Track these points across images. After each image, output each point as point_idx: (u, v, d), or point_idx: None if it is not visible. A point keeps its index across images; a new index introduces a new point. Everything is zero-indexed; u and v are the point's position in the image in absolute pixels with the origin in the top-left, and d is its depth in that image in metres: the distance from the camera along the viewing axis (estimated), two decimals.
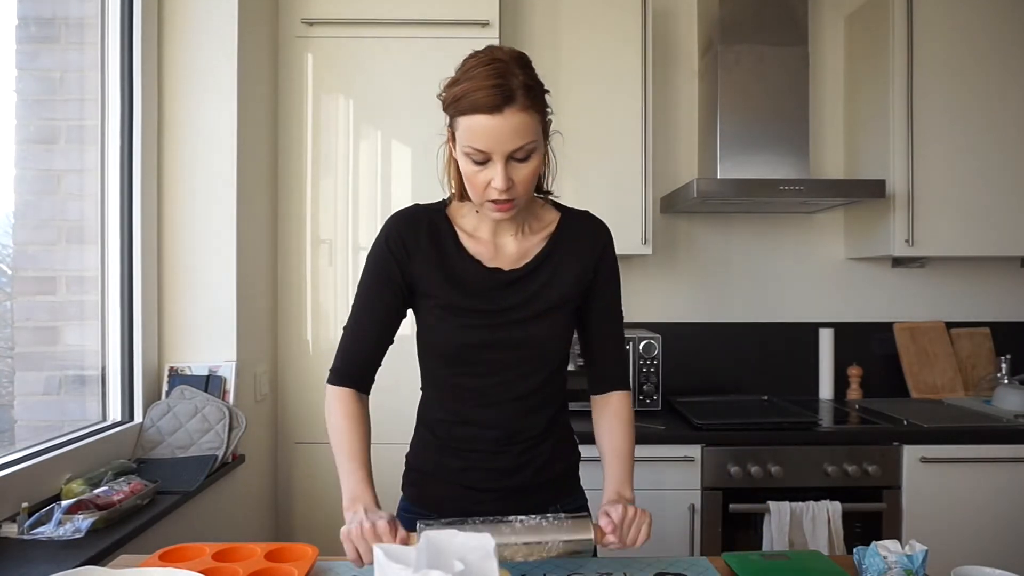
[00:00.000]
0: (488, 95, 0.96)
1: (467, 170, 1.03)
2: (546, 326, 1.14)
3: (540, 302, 1.13)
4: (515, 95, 0.97)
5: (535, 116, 1.01)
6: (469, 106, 0.98)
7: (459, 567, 0.79)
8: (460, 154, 1.03)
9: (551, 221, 1.18)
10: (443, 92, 1.03)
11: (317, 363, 2.16)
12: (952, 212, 2.31)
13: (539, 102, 1.02)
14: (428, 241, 1.13)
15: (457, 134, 1.02)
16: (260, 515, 2.05)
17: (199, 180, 1.86)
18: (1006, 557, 2.02)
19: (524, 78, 0.99)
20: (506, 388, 1.15)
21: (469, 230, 1.15)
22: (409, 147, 2.17)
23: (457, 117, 1.01)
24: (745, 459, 2.01)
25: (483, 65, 0.98)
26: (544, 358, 1.16)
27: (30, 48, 1.60)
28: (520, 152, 1.00)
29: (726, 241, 2.63)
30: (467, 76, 0.99)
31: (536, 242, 1.16)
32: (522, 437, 1.16)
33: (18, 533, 1.23)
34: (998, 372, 2.50)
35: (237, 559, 1.05)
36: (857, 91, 2.55)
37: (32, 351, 1.59)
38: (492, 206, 1.05)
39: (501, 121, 0.97)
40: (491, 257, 1.14)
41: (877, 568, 0.96)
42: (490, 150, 0.99)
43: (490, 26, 2.15)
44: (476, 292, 1.12)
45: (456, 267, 1.12)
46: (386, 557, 0.80)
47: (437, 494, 1.19)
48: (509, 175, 1.01)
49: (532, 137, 1.00)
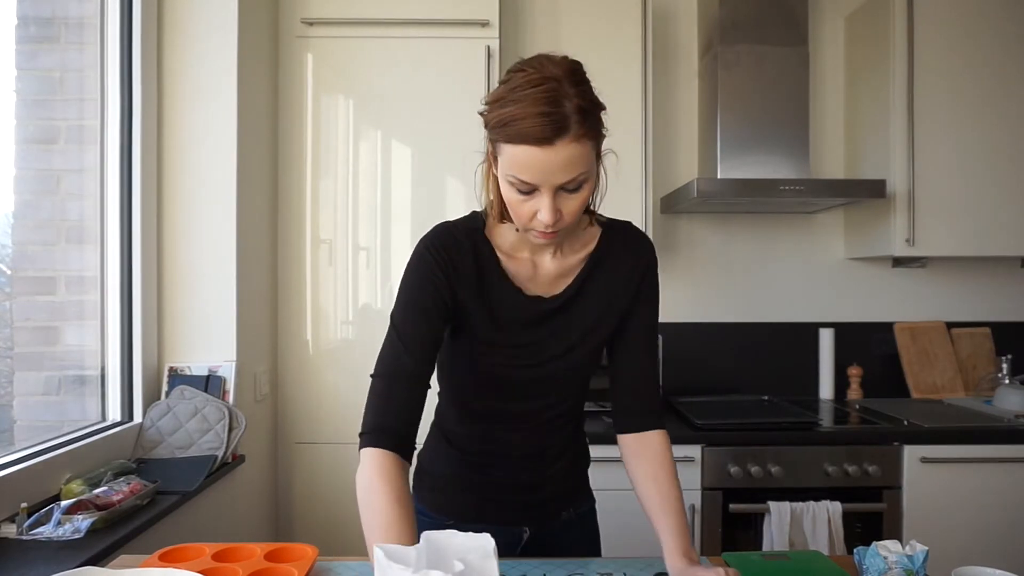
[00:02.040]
0: (538, 125, 0.85)
1: (511, 198, 0.93)
2: (586, 354, 1.09)
3: (580, 332, 1.08)
4: (569, 124, 0.85)
5: (589, 144, 0.89)
6: (516, 135, 0.86)
7: (459, 567, 0.78)
8: (503, 181, 0.93)
9: (592, 238, 1.10)
10: (486, 110, 0.92)
11: (317, 363, 2.16)
12: (952, 212, 2.31)
13: (595, 127, 0.90)
14: (473, 267, 1.03)
15: (500, 159, 0.91)
16: (260, 515, 2.05)
17: (199, 180, 1.86)
18: (1006, 557, 2.02)
19: (579, 100, 0.86)
20: (536, 413, 1.12)
21: (507, 249, 1.06)
22: (409, 147, 2.17)
23: (501, 143, 0.89)
24: (745, 459, 2.01)
25: (533, 86, 0.86)
26: (576, 384, 1.14)
27: (30, 48, 1.59)
28: (571, 184, 0.90)
29: (726, 241, 2.63)
30: (514, 97, 0.87)
31: (576, 262, 1.08)
32: (546, 455, 1.16)
33: (17, 533, 1.22)
34: (998, 372, 2.50)
35: (237, 559, 1.04)
36: (857, 91, 2.55)
37: (32, 351, 1.59)
38: (537, 235, 0.95)
39: (552, 154, 0.86)
40: (529, 278, 1.06)
41: (877, 568, 0.96)
42: (537, 183, 0.89)
43: (490, 26, 2.15)
44: (517, 327, 1.06)
45: (497, 299, 1.04)
46: (386, 557, 0.80)
47: (455, 501, 1.16)
48: (557, 207, 0.91)
49: (585, 168, 0.89)
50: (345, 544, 2.09)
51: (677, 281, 2.62)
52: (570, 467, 1.20)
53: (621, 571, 1.06)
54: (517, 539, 1.19)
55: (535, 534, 1.19)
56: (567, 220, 0.93)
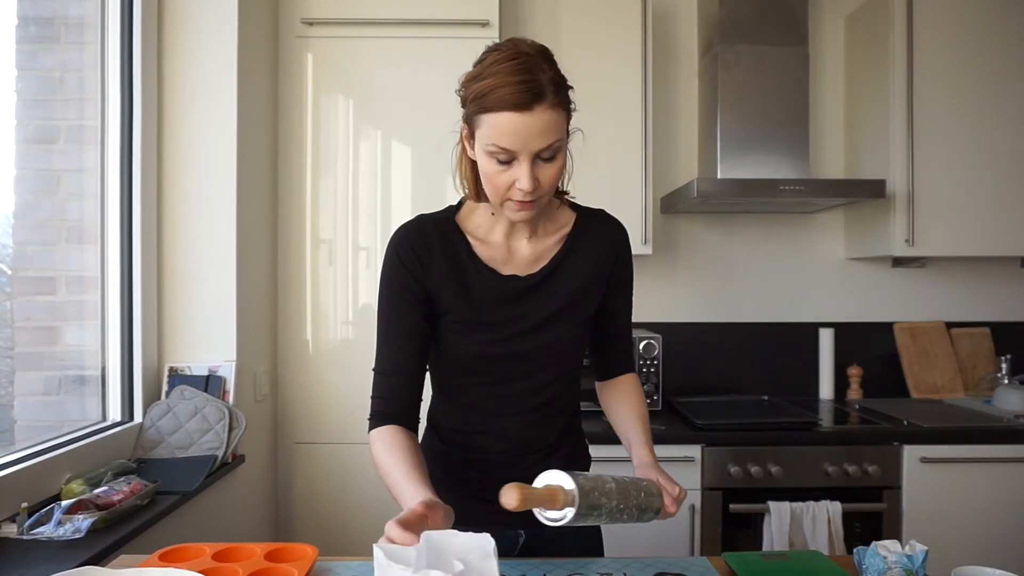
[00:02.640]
0: (517, 92, 0.91)
1: (489, 170, 0.98)
2: (563, 331, 1.11)
3: (556, 308, 1.10)
4: (544, 92, 0.92)
5: (562, 113, 0.96)
6: (496, 103, 0.92)
7: (459, 567, 0.79)
8: (481, 153, 0.98)
9: (566, 222, 1.14)
10: (463, 88, 0.99)
11: (317, 363, 2.16)
12: (952, 212, 2.31)
13: (566, 98, 0.97)
14: (440, 253, 1.08)
15: (478, 132, 0.97)
16: (260, 515, 2.05)
17: (199, 180, 1.86)
18: (1006, 557, 2.02)
19: (552, 74, 0.94)
20: (521, 398, 1.13)
21: (481, 235, 1.11)
22: (409, 147, 2.17)
23: (480, 115, 0.95)
24: (745, 459, 2.01)
25: (508, 60, 0.93)
26: (560, 364, 1.14)
27: (30, 48, 1.59)
28: (547, 151, 0.95)
29: (726, 241, 2.63)
30: (491, 71, 0.93)
31: (551, 244, 1.12)
32: (536, 447, 1.15)
33: (18, 533, 1.22)
34: (998, 372, 2.50)
35: (237, 559, 1.04)
36: (857, 91, 2.55)
37: (32, 351, 1.59)
38: (514, 206, 1.00)
39: (530, 119, 0.92)
40: (504, 261, 1.10)
41: (877, 568, 0.96)
42: (517, 149, 0.94)
43: (490, 26, 2.15)
44: (492, 304, 1.08)
45: (471, 279, 1.08)
46: (386, 557, 0.80)
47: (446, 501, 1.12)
48: (535, 175, 0.96)
49: (559, 135, 0.96)
50: (345, 544, 2.10)
51: (677, 281, 2.62)
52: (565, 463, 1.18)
53: (621, 571, 1.06)
54: (512, 543, 1.18)
55: (532, 538, 1.18)
56: (544, 189, 0.99)
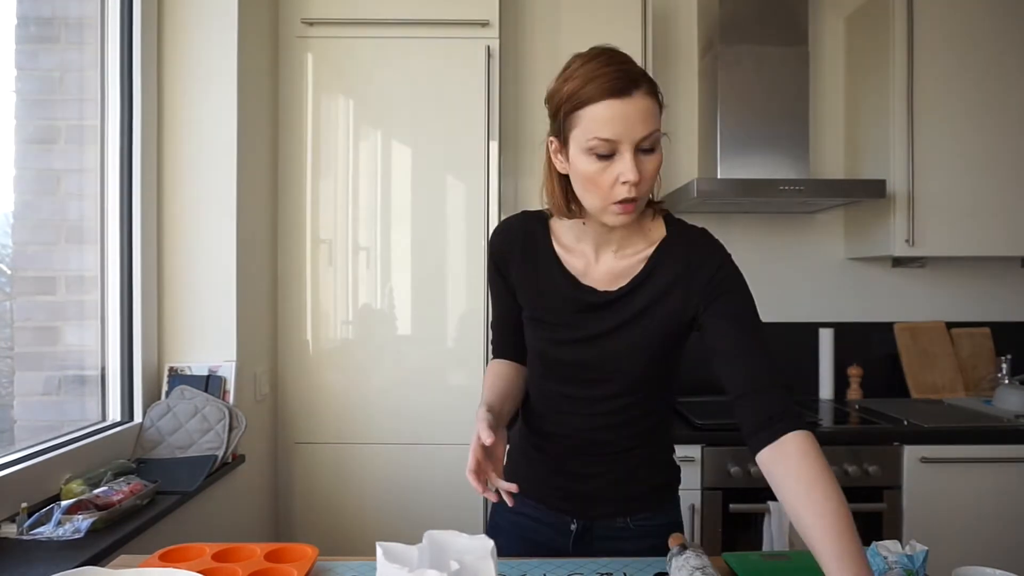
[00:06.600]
0: (614, 78, 0.92)
1: (590, 170, 0.96)
2: (637, 357, 1.08)
3: (631, 331, 1.07)
4: (640, 79, 0.93)
5: (657, 105, 0.96)
6: (594, 92, 0.92)
7: (454, 567, 0.79)
8: (580, 155, 0.96)
9: (656, 239, 1.09)
10: (550, 98, 0.99)
11: (317, 363, 2.16)
12: (952, 212, 2.31)
13: (658, 91, 0.97)
14: (521, 252, 1.13)
15: (574, 133, 0.96)
16: (260, 515, 2.05)
17: (199, 180, 1.86)
18: (1006, 557, 2.02)
19: (641, 68, 0.96)
20: (584, 404, 1.13)
21: (568, 243, 1.11)
22: (409, 147, 2.17)
23: (576, 112, 0.94)
24: (745, 459, 2.01)
25: (596, 57, 0.95)
26: (624, 382, 1.10)
27: (30, 48, 1.59)
28: (648, 140, 0.94)
29: (726, 241, 2.57)
30: (581, 70, 0.94)
31: (636, 262, 1.08)
32: (596, 450, 1.14)
33: (17, 533, 1.22)
34: (998, 372, 2.50)
35: (237, 559, 1.04)
36: (857, 91, 2.55)
37: (32, 351, 1.59)
38: (617, 208, 0.97)
39: (630, 105, 0.92)
40: (585, 272, 1.09)
41: (877, 568, 0.96)
42: (619, 138, 0.93)
43: (490, 26, 2.15)
44: (563, 311, 1.09)
45: (548, 281, 1.10)
46: (384, 557, 0.81)
47: (516, 474, 1.20)
48: (638, 167, 0.94)
49: (657, 125, 0.95)
50: (345, 544, 2.10)
51: None
52: (630, 473, 1.16)
53: (621, 571, 1.06)
54: (565, 528, 1.18)
55: (584, 529, 1.18)
56: (647, 183, 0.97)
